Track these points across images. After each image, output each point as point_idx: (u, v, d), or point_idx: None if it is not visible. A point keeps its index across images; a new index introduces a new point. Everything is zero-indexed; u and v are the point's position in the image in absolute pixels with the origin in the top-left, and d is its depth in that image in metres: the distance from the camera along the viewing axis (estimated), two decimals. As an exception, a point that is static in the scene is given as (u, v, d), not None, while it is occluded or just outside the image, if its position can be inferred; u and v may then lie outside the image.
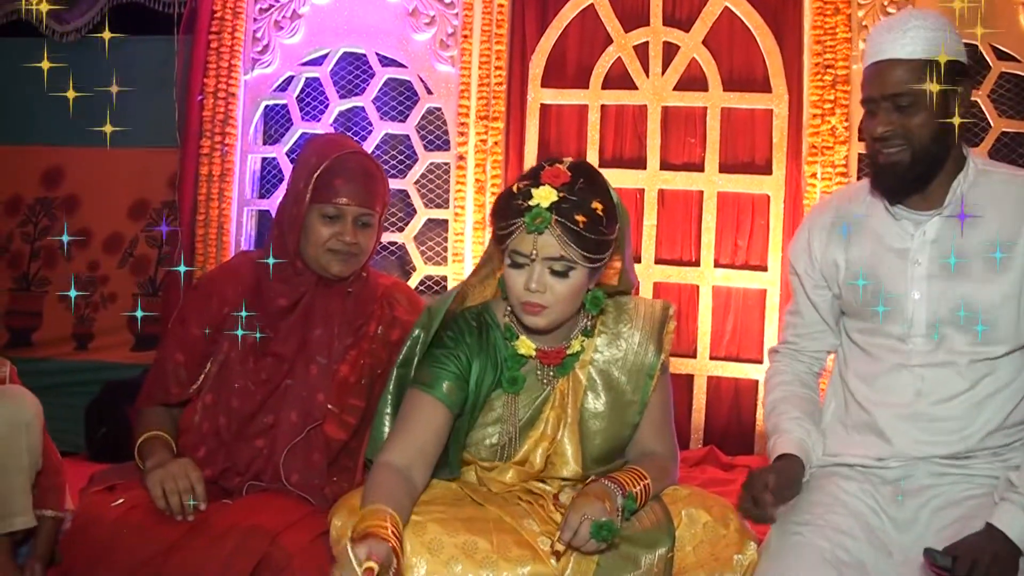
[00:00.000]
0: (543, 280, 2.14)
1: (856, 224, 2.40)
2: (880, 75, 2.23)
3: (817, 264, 2.46)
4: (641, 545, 2.11)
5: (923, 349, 2.25)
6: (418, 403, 2.21)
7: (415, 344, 2.31)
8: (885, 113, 2.22)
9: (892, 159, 2.22)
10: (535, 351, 2.29)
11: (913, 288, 2.26)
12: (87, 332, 5.16)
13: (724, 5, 4.59)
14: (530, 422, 2.31)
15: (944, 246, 2.25)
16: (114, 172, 5.22)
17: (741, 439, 4.53)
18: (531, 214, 2.10)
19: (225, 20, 4.86)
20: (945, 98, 2.19)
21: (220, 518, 2.25)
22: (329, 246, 2.52)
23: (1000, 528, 2.02)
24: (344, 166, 2.53)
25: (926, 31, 2.19)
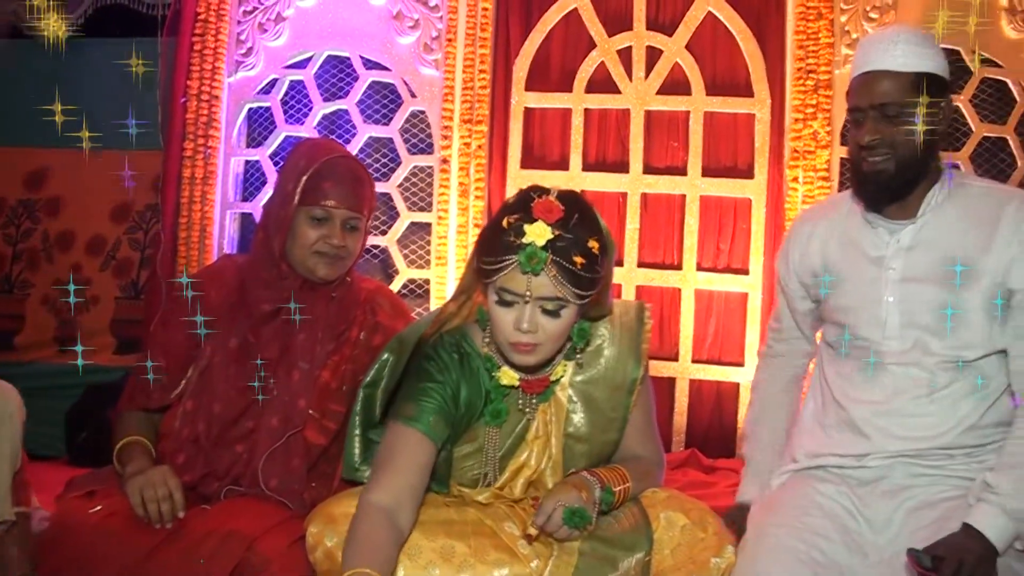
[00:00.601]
0: (535, 320, 2.08)
1: (834, 233, 2.45)
2: (869, 85, 2.29)
3: (796, 274, 2.53)
4: (619, 548, 2.13)
5: (898, 350, 2.30)
6: (403, 438, 2.15)
7: (383, 367, 2.27)
8: (873, 122, 2.28)
9: (877, 167, 2.28)
10: (519, 381, 2.25)
11: (886, 292, 2.31)
12: (69, 335, 5.14)
13: (707, 10, 4.60)
14: (510, 451, 2.29)
15: (918, 253, 2.30)
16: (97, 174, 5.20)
17: (723, 442, 4.54)
18: (526, 254, 2.02)
19: (209, 22, 4.84)
20: (930, 111, 2.26)
21: (198, 523, 2.25)
22: (316, 248, 2.52)
23: (979, 528, 2.05)
24: (333, 169, 2.54)
25: (915, 46, 2.27)
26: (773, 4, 4.58)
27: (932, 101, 2.26)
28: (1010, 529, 2.06)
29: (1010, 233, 2.23)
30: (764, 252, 4.46)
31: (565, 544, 2.12)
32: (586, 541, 2.12)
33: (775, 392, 2.65)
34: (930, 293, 2.28)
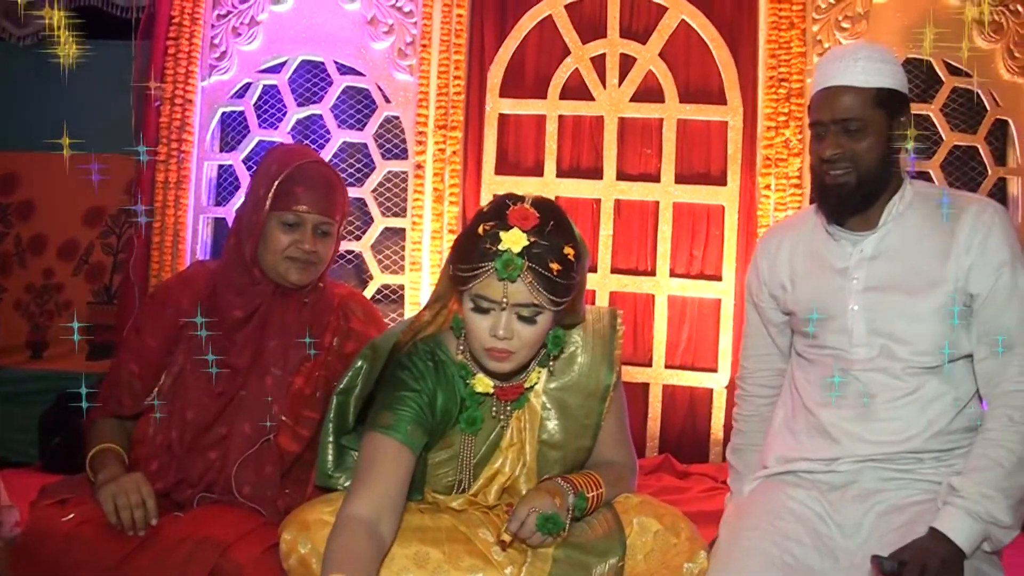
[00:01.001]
0: (511, 327, 2.08)
1: (800, 247, 2.48)
2: (830, 100, 2.32)
3: (766, 288, 2.55)
4: (593, 554, 2.14)
5: (864, 357, 2.33)
6: (381, 448, 2.11)
7: (357, 374, 2.23)
8: (834, 136, 2.31)
9: (838, 180, 2.32)
10: (493, 388, 2.24)
11: (851, 301, 2.34)
12: (41, 340, 5.11)
13: (680, 18, 4.64)
14: (485, 458, 2.29)
15: (880, 263, 2.34)
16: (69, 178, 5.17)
17: (696, 447, 4.57)
18: (502, 260, 2.02)
19: (183, 26, 4.83)
20: (890, 126, 2.31)
21: (171, 530, 2.23)
22: (288, 254, 2.51)
23: (944, 532, 2.07)
24: (305, 174, 2.53)
25: (875, 62, 2.32)
26: (746, 13, 4.63)
27: (892, 116, 2.31)
28: (976, 532, 2.08)
29: (968, 239, 2.26)
30: (737, 258, 4.50)
31: (539, 551, 2.12)
32: (560, 548, 2.12)
33: (752, 427, 2.65)
34: (894, 301, 2.30)
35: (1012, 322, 2.23)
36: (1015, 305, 2.23)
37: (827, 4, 4.52)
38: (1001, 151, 4.57)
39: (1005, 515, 2.09)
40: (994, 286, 2.23)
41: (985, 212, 2.29)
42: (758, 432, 2.63)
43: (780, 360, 2.63)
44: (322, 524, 2.07)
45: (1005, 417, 2.18)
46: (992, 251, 2.24)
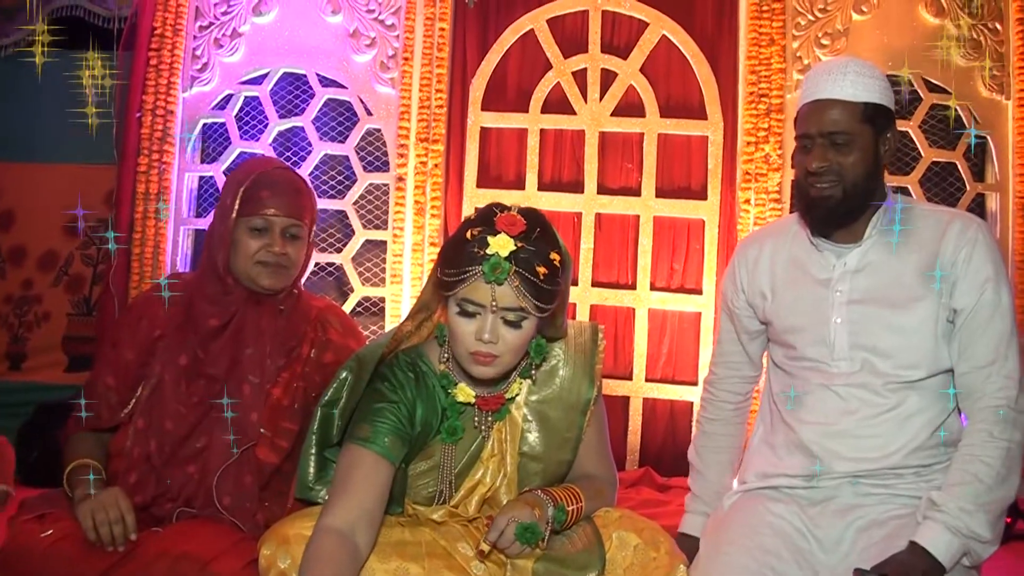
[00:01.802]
0: (496, 331, 2.10)
1: (781, 255, 2.48)
2: (818, 113, 2.33)
3: (744, 296, 2.55)
4: (572, 567, 2.14)
5: (846, 371, 2.33)
6: (358, 460, 2.12)
7: (342, 386, 2.24)
8: (821, 149, 2.32)
9: (824, 194, 2.32)
10: (475, 398, 2.25)
11: (834, 314, 2.34)
12: (20, 352, 5.08)
13: (661, 34, 4.67)
14: (465, 469, 2.29)
15: (864, 276, 2.34)
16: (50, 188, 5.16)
17: (676, 460, 4.55)
18: (490, 263, 2.05)
19: (165, 37, 4.82)
20: (877, 140, 2.32)
21: (151, 545, 2.22)
22: (258, 258, 2.51)
23: (924, 546, 2.08)
24: (270, 179, 2.54)
25: (864, 77, 2.33)
26: (726, 29, 4.66)
27: (879, 131, 2.33)
28: (955, 546, 2.08)
29: (953, 254, 2.27)
30: (717, 272, 4.51)
31: (519, 564, 2.12)
32: (539, 561, 2.12)
33: (717, 431, 2.68)
34: (876, 314, 2.31)
35: (994, 338, 2.24)
36: (997, 321, 2.25)
37: (807, 21, 4.55)
38: (980, 167, 4.60)
39: (985, 530, 2.10)
40: (978, 302, 2.24)
41: (970, 228, 2.30)
42: (721, 435, 2.65)
43: (750, 368, 2.64)
44: (302, 539, 2.05)
45: (985, 432, 2.19)
46: (976, 267, 2.26)
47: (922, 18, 4.51)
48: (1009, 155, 4.46)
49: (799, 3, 4.58)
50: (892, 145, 2.37)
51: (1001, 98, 4.49)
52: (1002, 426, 2.19)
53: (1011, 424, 2.19)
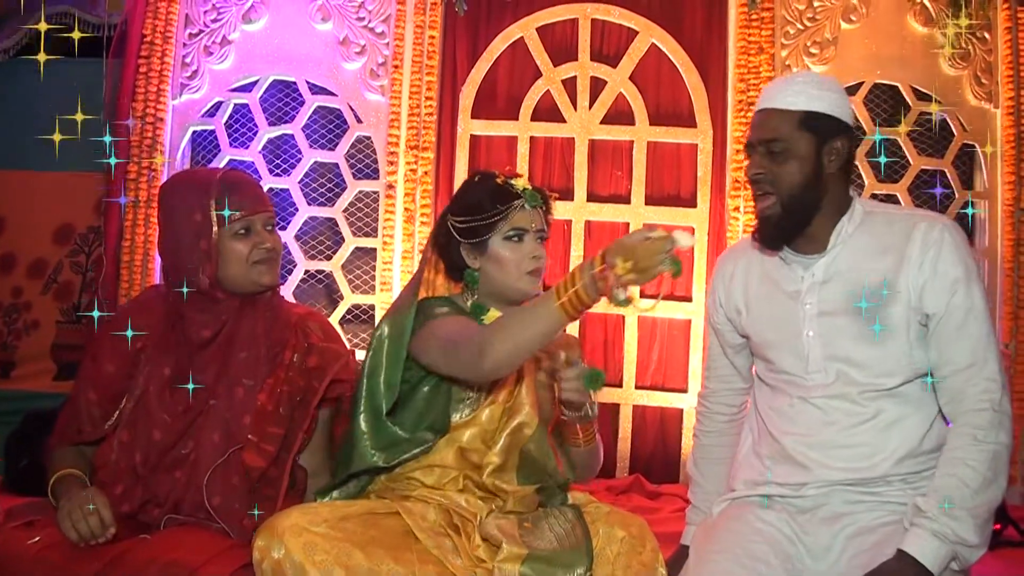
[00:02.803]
0: (539, 248, 2.48)
1: (754, 271, 2.48)
2: (760, 122, 2.33)
3: (723, 311, 2.55)
4: (558, 566, 2.16)
5: (821, 383, 2.32)
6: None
7: (379, 354, 2.43)
8: (759, 157, 2.31)
9: (765, 212, 2.31)
10: None
11: (805, 327, 2.33)
12: (9, 360, 5.07)
13: (651, 42, 4.68)
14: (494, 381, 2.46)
15: (832, 286, 2.32)
16: (39, 196, 5.15)
17: (666, 467, 4.58)
18: (529, 193, 2.48)
19: (155, 44, 4.82)
20: (817, 150, 2.29)
21: (139, 553, 2.21)
22: (254, 258, 2.51)
23: (911, 554, 2.07)
24: (231, 182, 2.53)
25: (811, 87, 2.31)
26: (715, 38, 4.68)
27: (822, 139, 2.29)
28: (943, 552, 2.07)
29: (919, 258, 2.25)
30: (706, 280, 4.51)
31: (505, 567, 2.14)
32: (526, 563, 2.15)
33: (712, 442, 2.67)
34: (848, 324, 2.30)
35: (971, 340, 2.22)
36: (972, 323, 2.22)
37: (796, 30, 4.57)
38: (968, 175, 4.62)
39: (972, 535, 2.09)
40: (949, 304, 2.22)
41: (934, 230, 2.26)
42: (718, 446, 2.65)
43: (741, 380, 2.64)
44: (296, 530, 2.09)
45: (969, 436, 2.17)
46: (944, 269, 2.23)
47: (911, 27, 4.54)
48: (998, 163, 4.48)
49: (788, 12, 4.59)
50: (841, 154, 2.32)
51: (989, 106, 4.51)
52: (987, 429, 2.16)
53: (996, 426, 2.17)
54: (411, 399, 2.44)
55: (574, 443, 2.54)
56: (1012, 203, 4.45)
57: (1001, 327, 4.43)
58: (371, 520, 2.25)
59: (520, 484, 2.40)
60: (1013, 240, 4.43)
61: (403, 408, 2.43)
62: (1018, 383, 4.32)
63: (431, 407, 2.43)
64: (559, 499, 2.47)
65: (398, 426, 2.41)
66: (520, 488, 2.38)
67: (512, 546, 2.18)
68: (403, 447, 2.39)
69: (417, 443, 2.40)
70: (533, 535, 2.27)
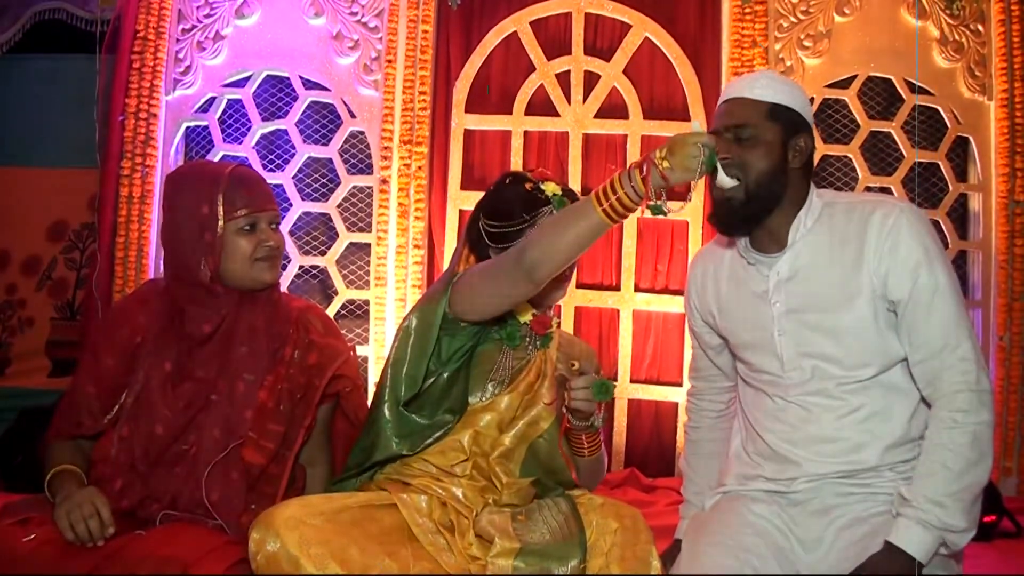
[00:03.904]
0: None
1: (723, 273, 2.48)
2: (728, 110, 2.33)
3: (699, 313, 2.55)
4: (552, 559, 2.17)
5: (798, 381, 2.31)
6: None
7: (405, 345, 2.46)
8: (726, 143, 2.29)
9: (728, 195, 2.28)
10: (531, 315, 2.55)
11: (775, 327, 2.33)
12: (3, 357, 5.06)
13: (644, 36, 4.68)
14: (518, 371, 2.51)
15: (796, 283, 2.31)
16: (33, 192, 5.14)
17: (662, 461, 4.58)
18: (557, 199, 2.50)
19: (148, 40, 4.81)
20: (783, 140, 2.29)
21: (134, 549, 2.20)
22: (256, 255, 2.50)
23: (898, 545, 2.07)
24: (240, 177, 2.53)
25: (776, 82, 2.33)
26: (709, 31, 4.69)
27: (789, 134, 2.30)
28: (930, 540, 2.07)
29: (878, 245, 2.23)
30: (700, 274, 4.51)
31: (499, 563, 2.15)
32: (519, 557, 2.16)
33: (702, 437, 2.68)
34: (816, 320, 2.29)
35: (941, 321, 2.20)
36: (939, 304, 2.20)
37: (789, 23, 4.57)
38: (962, 168, 4.63)
39: (958, 519, 2.08)
40: (913, 288, 2.20)
41: (891, 216, 2.24)
42: (708, 440, 2.65)
43: (726, 379, 2.63)
44: (292, 523, 2.09)
45: (949, 419, 2.15)
46: (904, 254, 2.21)
47: (904, 20, 4.54)
48: (991, 156, 4.49)
49: (781, 5, 4.60)
50: (804, 151, 2.33)
51: (983, 99, 4.51)
52: (966, 410, 2.15)
53: (976, 406, 2.15)
54: (431, 389, 2.45)
55: (579, 452, 2.54)
56: (1006, 195, 4.45)
57: (996, 319, 4.44)
58: (368, 513, 2.25)
59: (520, 476, 2.41)
60: (1007, 232, 4.44)
61: (422, 396, 2.45)
62: (1014, 375, 4.33)
63: (449, 392, 2.46)
64: (556, 491, 2.47)
65: (416, 414, 2.44)
66: (517, 480, 2.40)
67: (505, 541, 2.19)
68: (425, 433, 2.43)
69: (437, 427, 2.43)
70: (526, 528, 2.28)
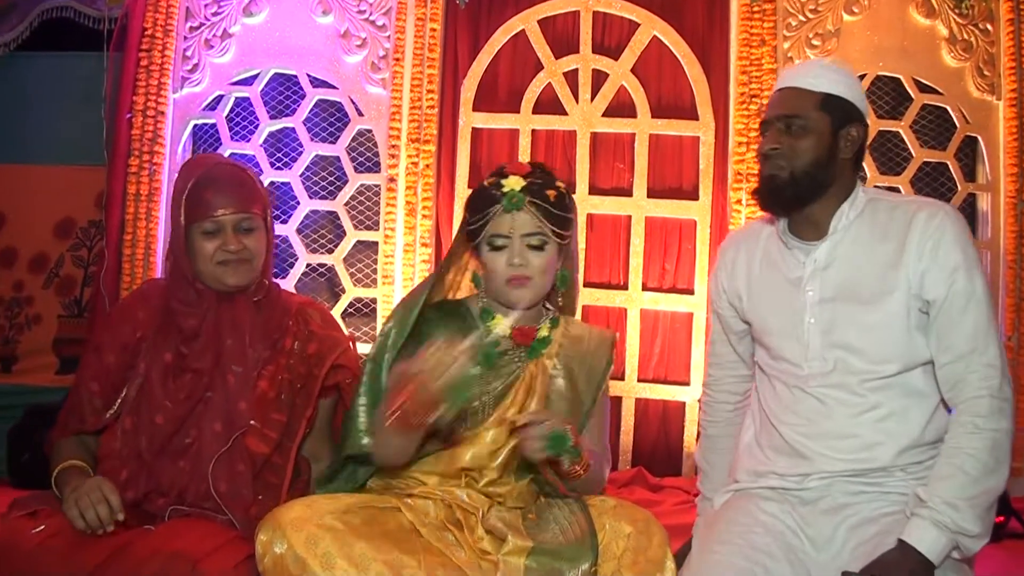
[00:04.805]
0: (524, 255, 2.41)
1: (756, 256, 2.48)
2: (780, 99, 2.37)
3: (726, 296, 2.56)
4: (564, 559, 2.16)
5: (819, 372, 2.32)
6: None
7: (386, 339, 2.46)
8: (776, 132, 2.34)
9: (770, 171, 2.31)
10: (511, 329, 2.47)
11: (807, 314, 2.34)
12: (11, 354, 5.06)
13: (653, 34, 4.67)
14: (502, 395, 2.45)
15: (833, 272, 2.33)
16: (40, 190, 5.14)
17: (669, 460, 4.57)
18: (507, 196, 2.39)
19: (155, 38, 4.81)
20: (833, 131, 2.32)
21: (142, 544, 2.22)
22: (217, 259, 2.51)
23: (911, 544, 2.07)
24: (210, 178, 2.54)
25: (831, 72, 2.35)
26: (717, 30, 4.67)
27: (839, 125, 2.32)
28: (944, 542, 2.07)
29: (919, 245, 2.25)
30: (709, 272, 4.48)
31: (511, 561, 2.14)
32: (531, 556, 2.15)
33: (719, 433, 2.68)
34: (848, 311, 2.30)
35: (971, 326, 2.22)
36: (973, 309, 2.22)
37: (798, 22, 4.56)
38: (971, 167, 4.61)
39: (972, 524, 2.09)
40: (949, 291, 2.22)
41: (935, 217, 2.27)
42: (725, 436, 2.65)
43: (744, 367, 2.64)
44: (298, 524, 2.10)
45: (970, 424, 2.17)
46: (944, 256, 2.23)
47: (913, 19, 4.52)
48: (1000, 155, 4.47)
49: (790, 4, 4.58)
50: (855, 142, 2.35)
51: (992, 98, 4.50)
52: (986, 416, 2.16)
53: (996, 413, 2.17)
54: None
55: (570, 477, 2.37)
56: (1015, 195, 4.43)
57: (1004, 319, 4.42)
58: (374, 513, 2.26)
59: (516, 482, 2.41)
60: (1015, 232, 4.42)
61: None
62: (1022, 375, 4.31)
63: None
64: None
65: None
66: (516, 485, 2.40)
67: (517, 539, 2.18)
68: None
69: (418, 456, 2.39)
70: (537, 527, 2.28)
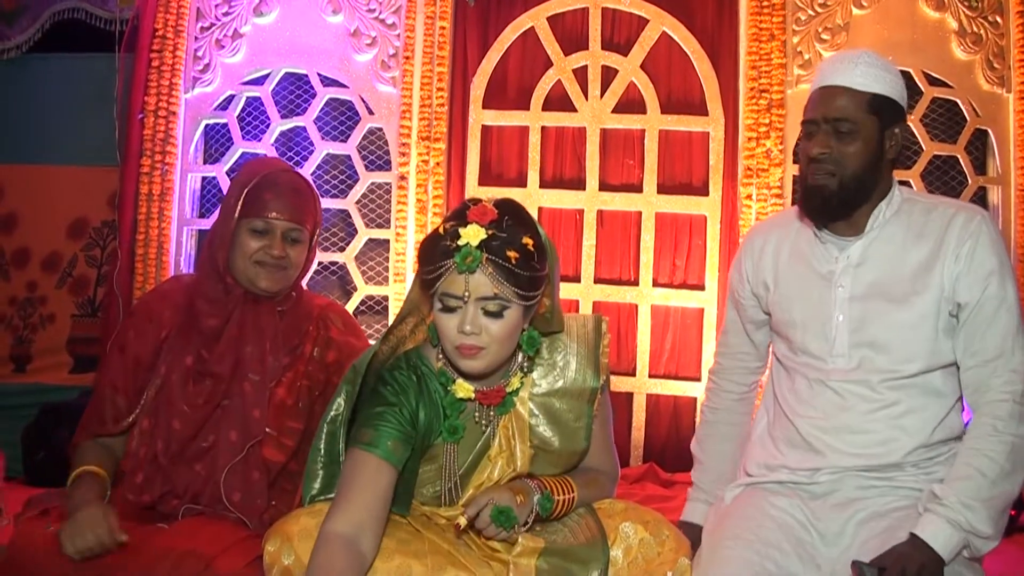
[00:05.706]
0: (477, 322, 2.07)
1: (785, 247, 2.48)
2: (826, 99, 2.34)
3: (749, 285, 2.56)
4: (576, 562, 2.13)
5: (843, 368, 2.33)
6: (362, 465, 2.09)
7: (342, 401, 2.23)
8: (824, 136, 2.31)
9: (819, 182, 2.30)
10: (474, 393, 2.22)
11: (836, 310, 2.34)
12: (25, 354, 5.09)
13: (662, 30, 4.67)
14: (472, 468, 2.28)
15: (866, 270, 2.33)
16: (53, 190, 5.16)
17: (680, 456, 4.55)
18: (461, 253, 2.03)
19: (166, 38, 4.83)
20: (881, 133, 2.31)
21: (155, 542, 2.23)
22: (256, 258, 2.53)
23: (924, 538, 2.08)
24: (274, 181, 2.56)
25: (875, 68, 2.32)
26: (726, 25, 4.66)
27: (885, 125, 2.32)
28: (956, 540, 2.08)
29: (955, 247, 2.26)
30: (719, 268, 4.51)
31: (521, 563, 2.11)
32: (542, 557, 2.11)
33: (720, 419, 2.69)
34: (878, 310, 2.31)
35: (1000, 332, 2.23)
36: (1003, 315, 2.24)
37: (807, 16, 4.55)
38: (981, 160, 4.60)
39: (985, 526, 2.10)
40: (982, 296, 2.24)
41: (973, 221, 2.29)
42: (725, 424, 2.66)
43: (755, 359, 2.64)
44: (306, 535, 2.06)
45: (990, 426, 2.18)
46: (980, 261, 2.25)
47: (922, 12, 4.51)
48: (1010, 148, 4.45)
49: (799, -2, 4.59)
50: (899, 141, 2.36)
51: (1002, 91, 4.48)
52: (1006, 420, 2.18)
53: (1016, 418, 2.18)
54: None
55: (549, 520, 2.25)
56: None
57: (1015, 312, 4.41)
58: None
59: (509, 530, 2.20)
60: (1027, 225, 4.42)
61: None
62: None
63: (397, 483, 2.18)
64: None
65: None
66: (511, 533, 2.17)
67: (528, 540, 2.13)
68: None
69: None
70: (546, 527, 2.24)
